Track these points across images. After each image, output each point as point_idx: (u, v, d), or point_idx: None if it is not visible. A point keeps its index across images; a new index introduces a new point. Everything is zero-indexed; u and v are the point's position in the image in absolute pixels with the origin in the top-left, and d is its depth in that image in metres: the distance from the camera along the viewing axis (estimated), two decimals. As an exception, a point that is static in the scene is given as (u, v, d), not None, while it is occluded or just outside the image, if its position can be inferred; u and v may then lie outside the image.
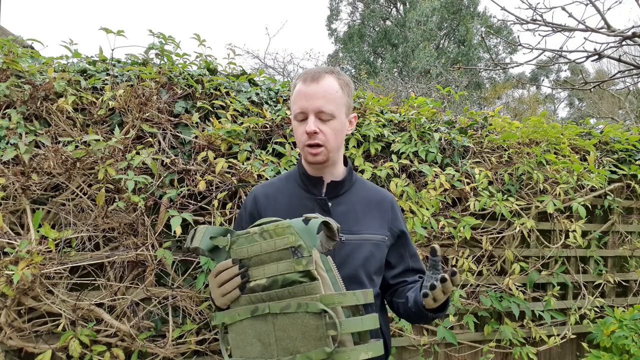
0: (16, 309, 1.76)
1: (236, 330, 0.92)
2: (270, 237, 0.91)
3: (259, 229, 0.92)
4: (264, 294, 0.90)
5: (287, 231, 0.90)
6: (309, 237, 0.90)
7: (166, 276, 1.94)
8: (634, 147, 2.87)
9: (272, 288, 0.89)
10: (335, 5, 18.30)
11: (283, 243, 0.90)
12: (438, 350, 2.42)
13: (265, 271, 0.90)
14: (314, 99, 1.07)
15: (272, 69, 10.21)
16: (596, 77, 15.31)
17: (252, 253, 0.91)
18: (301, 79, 1.11)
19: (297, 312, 0.87)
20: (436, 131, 2.47)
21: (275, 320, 0.89)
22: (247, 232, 0.93)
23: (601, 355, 2.41)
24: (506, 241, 2.54)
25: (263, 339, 0.90)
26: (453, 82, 10.77)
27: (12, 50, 1.87)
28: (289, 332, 0.88)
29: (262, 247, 0.91)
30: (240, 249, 0.92)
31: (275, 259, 0.90)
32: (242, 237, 0.93)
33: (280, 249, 0.90)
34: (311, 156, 1.10)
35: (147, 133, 1.97)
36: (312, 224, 0.91)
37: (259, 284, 0.90)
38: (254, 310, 0.90)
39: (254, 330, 0.90)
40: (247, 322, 0.91)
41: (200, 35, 2.22)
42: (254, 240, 0.92)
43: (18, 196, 1.77)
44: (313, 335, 0.86)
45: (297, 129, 1.11)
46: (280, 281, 0.89)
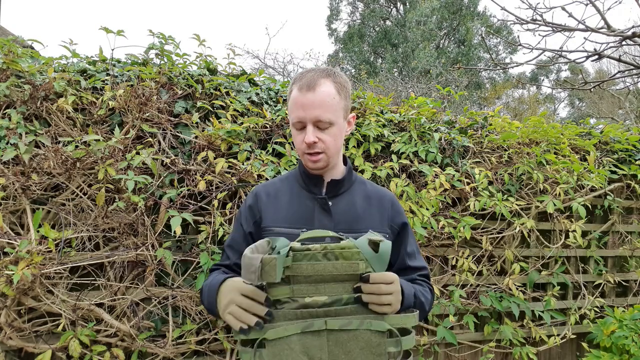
0: (16, 309, 1.76)
1: (279, 346, 0.88)
2: (335, 258, 0.90)
3: (321, 247, 0.90)
4: (321, 310, 0.89)
5: (356, 257, 0.90)
6: (380, 266, 0.91)
7: (166, 276, 1.94)
8: (634, 147, 2.86)
9: (333, 305, 0.90)
10: (335, 5, 18.31)
11: (352, 269, 0.90)
12: (438, 350, 2.42)
13: (327, 289, 0.90)
14: (311, 108, 1.05)
15: (272, 69, 10.21)
16: (596, 77, 15.31)
17: (312, 272, 0.90)
18: (297, 85, 1.09)
19: (359, 329, 0.89)
20: (436, 131, 2.47)
21: (331, 335, 0.89)
22: (307, 249, 0.90)
23: (601, 355, 2.41)
24: (506, 241, 2.54)
25: (313, 354, 0.88)
26: (453, 82, 10.77)
27: (12, 50, 1.87)
28: (346, 348, 0.88)
29: (326, 268, 0.90)
30: (299, 266, 0.89)
31: (341, 280, 0.90)
32: (301, 254, 0.90)
33: (348, 273, 0.90)
34: (311, 163, 1.11)
35: (147, 133, 1.97)
36: (383, 250, 0.91)
37: (317, 301, 0.90)
38: (307, 325, 0.88)
39: (302, 346, 0.88)
40: (296, 337, 0.89)
41: (200, 35, 2.22)
42: (316, 259, 0.90)
43: (18, 196, 1.77)
44: (373, 351, 0.89)
45: (296, 137, 1.12)
46: (345, 299, 0.90)
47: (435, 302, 2.32)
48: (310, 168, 1.13)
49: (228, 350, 1.99)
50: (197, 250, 1.93)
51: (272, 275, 0.84)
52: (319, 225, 1.11)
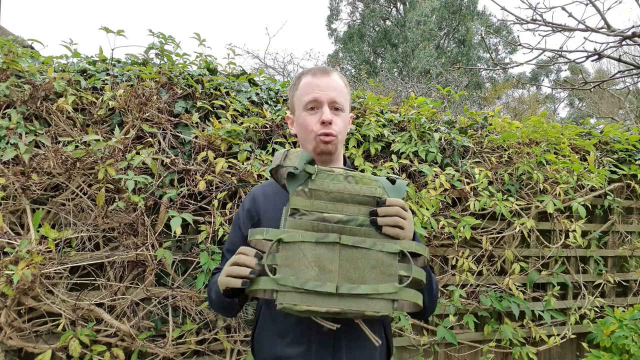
0: (16, 309, 1.76)
1: (292, 250, 0.90)
2: (356, 182, 0.95)
3: (344, 171, 0.96)
4: (337, 226, 0.92)
5: (375, 184, 0.95)
6: (397, 195, 0.96)
7: (166, 276, 1.94)
8: (634, 147, 2.86)
9: (348, 224, 0.93)
10: (335, 5, 18.30)
11: (370, 191, 0.94)
12: (438, 350, 2.42)
13: (344, 209, 0.93)
14: (328, 89, 1.10)
15: (272, 69, 10.21)
16: (596, 77, 15.31)
17: (334, 189, 0.94)
18: (309, 73, 1.13)
19: (371, 249, 0.91)
20: (436, 131, 2.47)
21: (343, 250, 0.91)
22: (331, 169, 0.95)
23: (601, 355, 2.41)
24: (506, 241, 2.54)
25: (323, 264, 0.90)
26: (453, 82, 10.77)
27: (12, 50, 1.87)
28: (357, 264, 0.90)
29: (347, 188, 0.94)
30: (322, 182, 0.94)
31: (358, 201, 0.94)
32: (324, 173, 0.95)
33: (366, 195, 0.94)
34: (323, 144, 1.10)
35: (147, 133, 1.97)
36: (400, 184, 0.98)
37: (334, 217, 0.93)
38: (322, 237, 0.90)
39: (314, 255, 0.90)
40: (309, 245, 0.90)
41: (200, 35, 2.22)
42: (338, 180, 0.95)
43: (18, 196, 1.77)
44: (383, 270, 0.91)
45: (308, 119, 1.11)
46: (361, 221, 0.93)
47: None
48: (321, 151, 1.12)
49: (228, 350, 1.99)
50: (197, 250, 1.93)
51: (294, 160, 0.94)
52: None
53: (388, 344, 1.16)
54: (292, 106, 1.18)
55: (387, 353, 1.15)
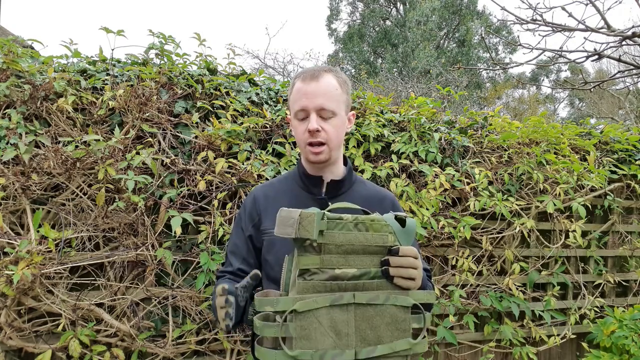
0: (16, 309, 1.76)
1: (307, 320, 0.85)
2: (366, 230, 0.91)
3: (353, 218, 0.91)
4: (350, 283, 0.89)
5: (386, 229, 0.93)
6: (407, 240, 0.94)
7: (166, 276, 1.94)
8: (634, 147, 2.86)
9: (361, 278, 0.90)
10: (335, 5, 18.31)
11: (382, 240, 0.92)
12: (438, 350, 2.42)
13: (356, 262, 0.90)
14: (315, 96, 1.07)
15: (272, 69, 10.21)
16: (596, 77, 15.31)
17: (345, 241, 0.89)
18: (300, 77, 1.11)
19: (385, 305, 0.90)
20: (436, 131, 2.47)
21: (358, 310, 0.89)
22: (339, 217, 0.90)
23: (601, 355, 2.41)
24: (506, 241, 2.54)
25: (339, 328, 0.87)
26: (453, 82, 10.77)
27: (12, 50, 1.87)
28: (372, 323, 0.89)
29: (358, 238, 0.90)
30: (332, 235, 0.88)
31: (369, 252, 0.92)
32: (333, 222, 0.89)
33: (378, 244, 0.92)
34: (313, 155, 1.10)
35: (147, 133, 1.97)
36: (410, 225, 0.95)
37: (347, 273, 0.89)
38: (336, 298, 0.87)
39: (330, 320, 0.86)
40: (324, 310, 0.86)
41: (200, 35, 2.22)
42: (348, 228, 0.90)
43: (18, 196, 1.77)
44: (398, 326, 0.90)
45: (298, 128, 1.11)
46: (373, 273, 0.91)
47: (435, 302, 2.32)
48: (312, 161, 1.12)
49: (228, 350, 1.99)
50: (197, 250, 1.93)
51: (310, 230, 0.85)
52: None
53: None
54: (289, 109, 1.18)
55: None
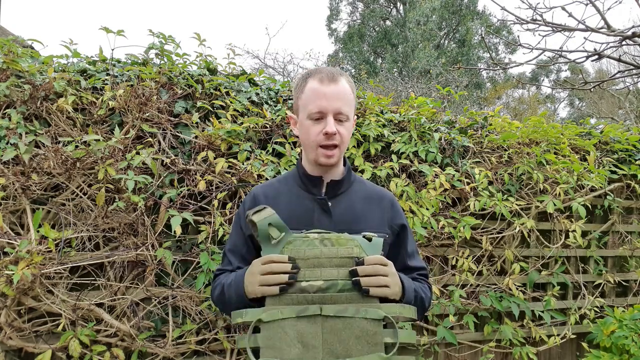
0: (16, 309, 1.76)
1: (273, 330, 0.88)
2: (332, 245, 0.94)
3: (319, 235, 0.95)
4: (317, 295, 0.90)
5: (351, 243, 0.94)
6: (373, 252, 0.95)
7: (166, 276, 1.94)
8: (634, 147, 2.86)
9: (328, 291, 0.90)
10: (335, 5, 18.31)
11: (347, 252, 0.93)
12: (438, 350, 2.42)
13: (322, 274, 0.91)
14: (334, 99, 1.06)
15: (272, 69, 10.21)
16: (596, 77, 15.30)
17: (310, 255, 0.93)
18: (316, 78, 1.09)
19: (354, 317, 0.89)
20: (436, 131, 2.47)
21: (325, 322, 0.89)
22: (305, 235, 0.95)
23: (601, 355, 2.41)
24: (506, 241, 2.54)
25: (306, 340, 0.88)
26: (453, 82, 10.77)
27: (12, 50, 1.87)
28: (341, 336, 0.88)
29: (323, 252, 0.93)
30: (297, 250, 0.93)
31: (335, 264, 0.92)
32: (299, 239, 0.94)
33: (344, 256, 0.92)
34: (325, 158, 1.09)
35: (147, 133, 1.97)
36: (376, 241, 0.97)
37: (313, 285, 0.91)
38: (302, 310, 0.89)
39: (296, 331, 0.88)
40: (290, 322, 0.88)
41: (200, 35, 2.22)
42: (314, 244, 0.94)
43: (18, 196, 1.77)
44: (368, 340, 0.88)
45: (311, 129, 1.09)
46: (341, 285, 0.91)
47: (435, 302, 2.32)
48: (323, 164, 1.11)
49: (228, 350, 1.99)
50: (197, 250, 1.93)
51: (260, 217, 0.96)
52: (318, 226, 1.10)
53: None
54: (297, 108, 1.15)
55: None
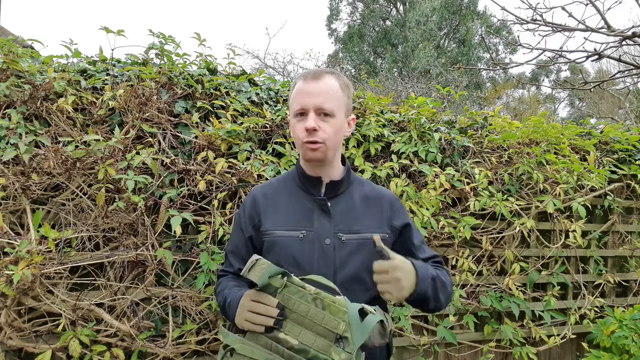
0: (16, 309, 1.76)
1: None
2: (322, 308, 0.92)
3: (315, 291, 0.93)
4: (287, 352, 0.90)
5: (341, 316, 0.91)
6: (359, 335, 0.90)
7: (166, 276, 1.94)
8: (634, 147, 2.86)
9: (299, 354, 0.90)
10: (335, 5, 18.31)
11: (332, 325, 0.91)
12: (438, 350, 2.42)
13: (301, 335, 0.91)
14: (315, 96, 1.07)
15: (272, 69, 10.21)
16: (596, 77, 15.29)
17: (297, 310, 0.92)
18: (302, 78, 1.12)
19: None
20: (436, 131, 2.47)
21: None
22: (302, 285, 0.94)
23: (601, 355, 2.41)
24: (506, 241, 2.54)
25: None
26: (453, 82, 10.77)
27: (12, 50, 1.87)
28: None
29: (310, 312, 0.92)
30: (288, 298, 0.93)
31: (317, 331, 0.91)
32: (294, 287, 0.94)
33: (327, 327, 0.91)
34: (310, 152, 1.09)
35: (147, 133, 1.97)
36: (368, 322, 0.92)
37: (288, 342, 0.91)
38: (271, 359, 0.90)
39: None
40: None
41: (200, 35, 2.22)
42: (306, 300, 0.93)
43: (18, 196, 1.77)
44: None
45: (296, 127, 1.11)
46: (311, 355, 0.90)
47: None
48: (309, 158, 1.11)
49: (228, 350, 1.99)
50: (197, 250, 1.93)
51: (257, 275, 0.93)
52: (318, 226, 1.10)
53: (388, 343, 1.16)
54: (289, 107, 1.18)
55: (387, 353, 1.15)
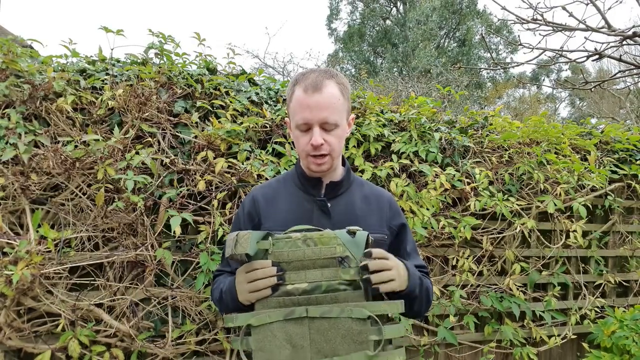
0: (15, 309, 1.76)
1: (262, 333, 0.92)
2: (314, 244, 0.94)
3: (302, 235, 0.94)
4: (303, 297, 0.92)
5: (334, 242, 0.94)
6: (357, 250, 0.94)
7: (166, 276, 1.94)
8: (635, 147, 2.86)
9: (313, 292, 0.92)
10: (335, 5, 18.30)
11: (330, 252, 0.93)
12: (438, 350, 2.42)
13: (307, 276, 0.93)
14: (318, 110, 1.04)
15: (272, 68, 10.21)
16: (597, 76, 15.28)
17: (294, 258, 0.93)
18: (301, 86, 1.06)
19: (339, 317, 0.90)
20: (436, 131, 2.47)
21: (312, 323, 0.91)
22: (288, 236, 0.95)
23: (602, 355, 2.41)
24: (507, 241, 2.54)
25: (295, 341, 0.90)
26: (453, 81, 10.76)
27: (12, 50, 1.87)
28: (327, 336, 0.90)
29: (306, 253, 0.93)
30: (280, 253, 0.94)
31: (319, 265, 0.93)
32: (282, 241, 0.95)
33: (327, 257, 0.93)
34: (315, 166, 1.10)
35: (147, 133, 1.96)
36: (359, 237, 0.95)
37: (298, 288, 0.92)
38: (289, 313, 0.91)
39: (285, 333, 0.91)
40: (278, 324, 0.91)
41: (200, 35, 2.21)
42: (297, 245, 0.94)
43: (17, 196, 1.77)
44: (354, 338, 0.89)
45: (300, 139, 1.09)
46: (324, 287, 0.92)
47: (436, 302, 2.32)
48: (314, 171, 1.12)
49: (228, 351, 1.99)
50: (196, 251, 1.93)
51: (245, 246, 0.93)
52: (317, 226, 1.10)
53: None
54: (289, 114, 1.15)
55: None
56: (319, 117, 1.05)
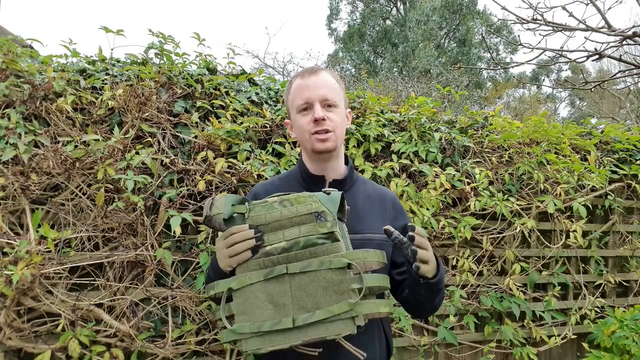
0: (15, 309, 1.76)
1: (244, 296, 0.91)
2: (291, 204, 0.94)
3: (279, 198, 0.95)
4: (282, 256, 0.91)
5: (310, 200, 0.94)
6: (332, 205, 0.94)
7: (166, 276, 1.94)
8: (635, 147, 2.86)
9: (292, 250, 0.91)
10: (335, 5, 18.31)
11: (306, 209, 0.93)
12: (438, 350, 2.42)
13: (285, 234, 0.93)
14: (317, 88, 1.09)
15: (272, 68, 10.21)
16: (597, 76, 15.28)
17: (271, 219, 0.93)
18: (298, 76, 1.14)
19: (319, 270, 0.90)
20: (436, 131, 2.47)
21: (293, 280, 0.90)
22: (264, 201, 0.95)
23: (602, 355, 2.41)
24: (507, 241, 2.54)
25: (277, 300, 0.90)
26: (453, 81, 10.76)
27: (12, 50, 1.87)
28: (309, 290, 0.90)
29: (283, 213, 0.93)
30: (258, 216, 0.94)
31: (296, 223, 0.93)
32: (259, 205, 0.95)
33: (303, 214, 0.93)
34: (320, 143, 1.09)
35: (147, 133, 1.96)
36: (334, 195, 0.96)
37: (277, 247, 0.92)
38: (268, 272, 0.91)
39: (266, 293, 0.90)
40: (259, 285, 0.91)
41: (200, 35, 2.21)
42: (273, 207, 0.94)
43: (17, 196, 1.77)
44: (335, 289, 0.89)
45: (301, 121, 1.11)
46: (302, 242, 0.91)
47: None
48: (319, 150, 1.11)
49: (228, 351, 1.99)
50: (196, 251, 1.93)
51: (221, 208, 0.94)
52: None
53: (388, 343, 1.15)
54: (288, 111, 1.19)
55: (387, 353, 1.15)
56: (318, 94, 1.09)
